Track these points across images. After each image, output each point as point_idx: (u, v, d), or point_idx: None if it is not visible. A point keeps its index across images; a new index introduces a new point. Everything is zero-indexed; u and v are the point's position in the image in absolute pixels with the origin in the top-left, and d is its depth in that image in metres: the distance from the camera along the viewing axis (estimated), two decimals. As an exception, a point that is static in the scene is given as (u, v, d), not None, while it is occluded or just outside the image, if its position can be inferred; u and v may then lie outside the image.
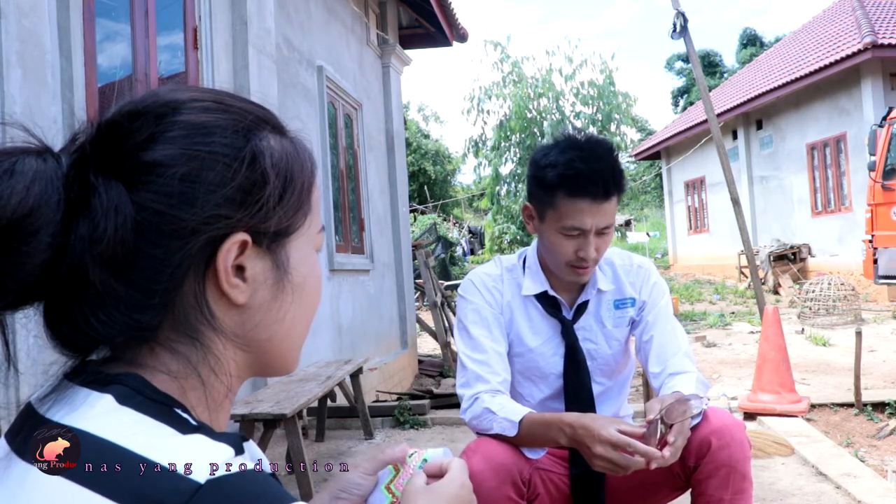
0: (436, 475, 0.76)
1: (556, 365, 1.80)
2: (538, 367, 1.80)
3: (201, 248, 0.57)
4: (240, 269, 0.59)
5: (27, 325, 0.59)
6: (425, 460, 0.79)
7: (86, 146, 0.57)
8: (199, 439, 0.52)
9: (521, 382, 1.81)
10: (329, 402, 4.45)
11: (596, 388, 1.81)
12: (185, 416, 0.55)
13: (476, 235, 26.12)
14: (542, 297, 1.80)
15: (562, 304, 1.81)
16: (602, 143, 1.72)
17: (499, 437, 1.61)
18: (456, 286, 10.25)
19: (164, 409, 0.55)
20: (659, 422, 1.43)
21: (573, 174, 1.63)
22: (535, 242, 1.86)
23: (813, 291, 9.48)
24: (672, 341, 1.77)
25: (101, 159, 0.56)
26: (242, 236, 0.58)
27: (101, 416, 0.53)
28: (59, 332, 0.57)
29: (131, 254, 0.55)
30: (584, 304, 1.81)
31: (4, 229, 0.51)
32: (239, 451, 0.53)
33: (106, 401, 0.54)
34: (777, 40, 32.13)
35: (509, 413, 1.60)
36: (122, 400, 0.54)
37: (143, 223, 0.55)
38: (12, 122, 0.56)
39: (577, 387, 1.78)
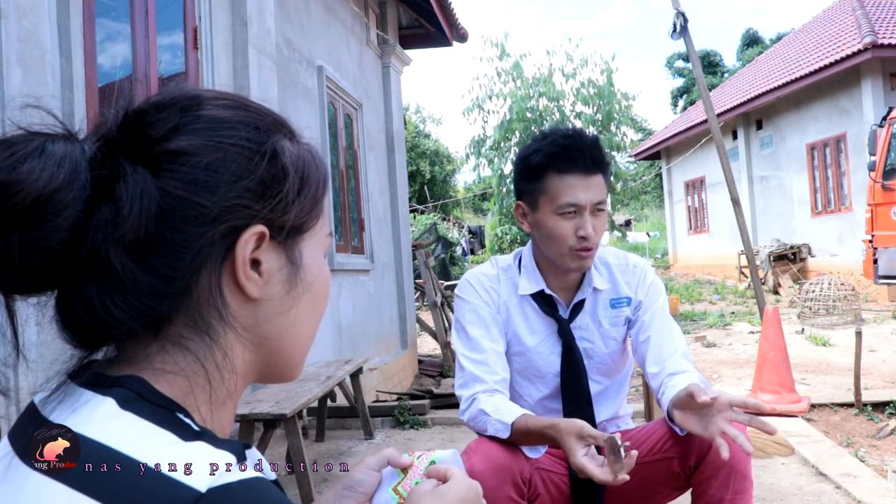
0: (441, 478, 0.77)
1: (554, 364, 1.80)
2: (536, 367, 1.80)
3: (221, 236, 0.58)
4: (255, 263, 0.60)
5: (29, 319, 0.59)
6: (433, 462, 0.79)
7: (113, 131, 0.59)
8: (200, 447, 0.52)
9: (519, 382, 1.81)
10: (329, 402, 4.45)
11: (594, 388, 1.81)
12: (187, 420, 0.55)
13: (476, 235, 26.10)
14: (539, 297, 1.80)
15: (558, 302, 1.81)
16: (580, 129, 1.83)
17: (497, 438, 1.61)
18: (456, 286, 10.23)
19: (166, 413, 0.55)
20: (617, 439, 1.40)
21: (559, 150, 1.70)
22: (529, 243, 1.87)
23: (813, 291, 9.48)
24: (669, 342, 1.76)
25: (128, 145, 0.58)
26: (261, 228, 0.59)
27: (103, 420, 0.53)
28: (73, 318, 0.57)
29: (153, 239, 0.56)
30: (581, 304, 1.81)
31: (34, 203, 0.52)
32: (241, 458, 0.53)
33: (107, 405, 0.54)
34: (778, 38, 32.15)
35: (503, 415, 1.60)
36: (124, 404, 0.54)
37: (166, 209, 0.56)
38: (41, 106, 0.58)
39: (574, 386, 1.78)
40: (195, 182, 0.57)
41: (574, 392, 1.78)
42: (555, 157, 1.70)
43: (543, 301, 1.80)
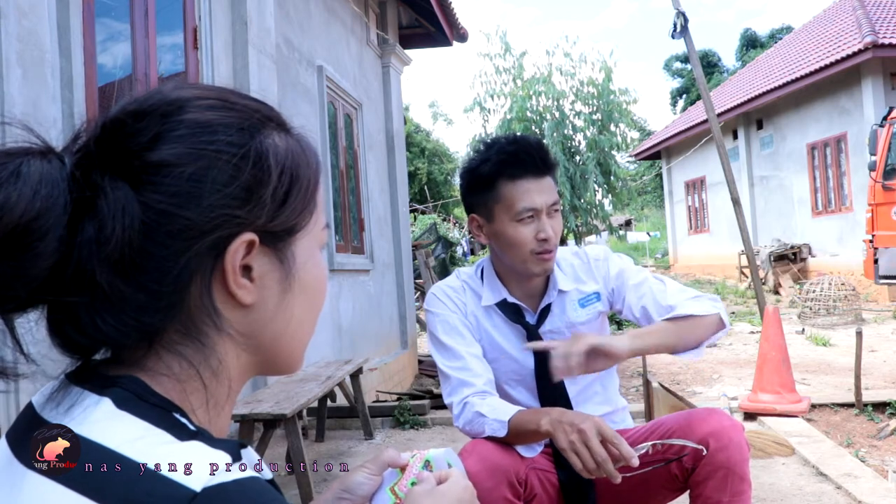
0: (441, 481, 0.77)
1: (531, 366, 1.79)
2: (514, 371, 1.80)
3: (209, 248, 0.56)
4: (246, 269, 0.59)
5: (25, 326, 0.58)
6: (427, 461, 0.79)
7: (90, 146, 0.56)
8: (196, 446, 0.52)
9: (499, 389, 1.80)
10: (329, 402, 4.46)
11: (575, 387, 1.80)
12: (183, 420, 0.55)
13: (476, 235, 25.97)
14: (504, 306, 1.80)
15: (525, 310, 1.80)
16: (523, 134, 1.81)
17: (493, 438, 1.61)
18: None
19: (162, 413, 0.54)
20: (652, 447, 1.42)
21: (507, 157, 1.69)
22: (489, 254, 1.87)
23: (813, 291, 9.47)
24: (660, 291, 1.76)
25: (107, 159, 0.55)
26: (250, 236, 0.58)
27: (99, 421, 0.53)
28: (64, 335, 0.56)
29: (139, 255, 0.54)
30: (548, 308, 1.80)
31: (13, 233, 0.50)
32: (237, 457, 0.53)
33: (104, 405, 0.54)
34: (772, 35, 32.14)
35: (499, 414, 1.60)
36: (121, 404, 0.54)
37: (150, 224, 0.54)
38: (13, 121, 0.55)
39: (550, 390, 1.77)
40: (179, 194, 0.55)
41: (551, 395, 1.77)
42: (504, 164, 1.69)
43: (509, 309, 1.79)
